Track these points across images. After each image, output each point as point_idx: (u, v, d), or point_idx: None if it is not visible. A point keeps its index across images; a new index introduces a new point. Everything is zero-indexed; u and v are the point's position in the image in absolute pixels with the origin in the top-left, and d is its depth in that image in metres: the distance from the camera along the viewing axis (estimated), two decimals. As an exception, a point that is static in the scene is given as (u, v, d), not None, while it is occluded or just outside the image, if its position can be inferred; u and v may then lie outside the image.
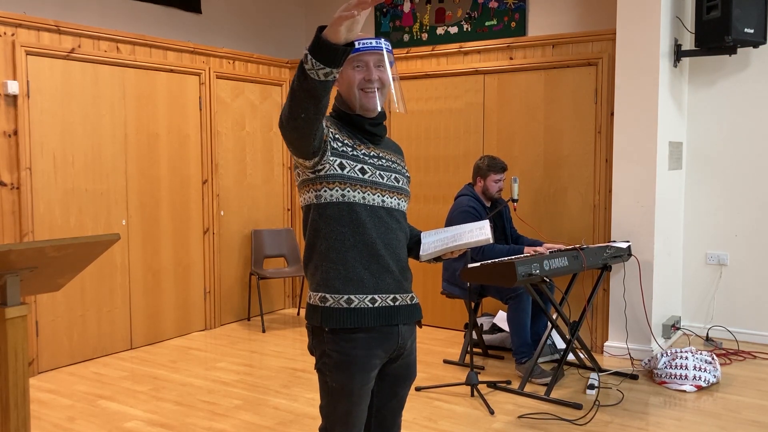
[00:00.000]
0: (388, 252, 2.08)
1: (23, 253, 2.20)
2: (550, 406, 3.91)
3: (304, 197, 2.09)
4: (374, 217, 2.06)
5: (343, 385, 2.04)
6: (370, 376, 2.08)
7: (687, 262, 5.35)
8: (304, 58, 1.77)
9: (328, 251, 2.03)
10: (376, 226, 2.06)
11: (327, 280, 2.03)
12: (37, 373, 4.55)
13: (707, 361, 4.20)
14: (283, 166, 6.32)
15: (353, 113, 2.09)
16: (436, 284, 5.60)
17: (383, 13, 6.19)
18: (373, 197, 2.06)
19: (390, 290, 2.08)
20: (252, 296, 6.08)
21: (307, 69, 1.77)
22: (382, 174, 2.10)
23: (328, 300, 2.03)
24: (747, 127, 5.09)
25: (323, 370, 2.07)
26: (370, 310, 2.04)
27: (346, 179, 2.02)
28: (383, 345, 2.08)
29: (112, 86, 4.92)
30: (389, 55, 2.09)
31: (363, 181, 2.05)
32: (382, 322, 2.06)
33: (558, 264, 3.97)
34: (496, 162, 4.60)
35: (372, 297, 2.05)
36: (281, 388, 4.26)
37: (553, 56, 5.09)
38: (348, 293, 2.02)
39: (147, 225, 5.18)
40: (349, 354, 2.02)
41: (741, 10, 4.50)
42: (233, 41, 6.10)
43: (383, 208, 2.08)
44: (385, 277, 2.07)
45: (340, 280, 2.03)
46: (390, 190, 2.11)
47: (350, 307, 2.02)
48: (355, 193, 2.03)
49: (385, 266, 2.07)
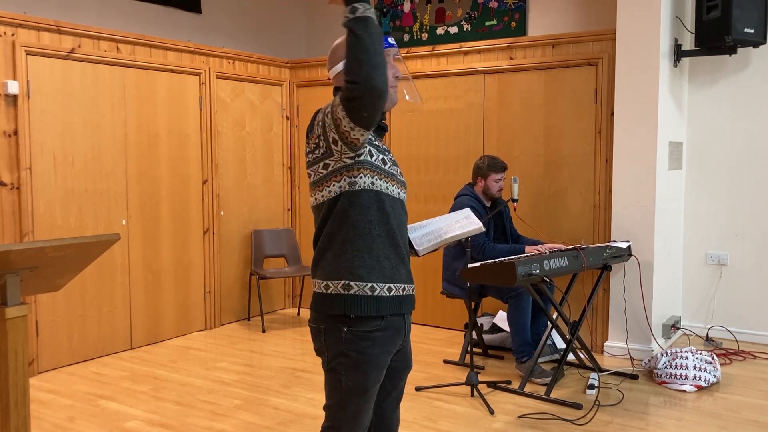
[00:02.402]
0: (403, 242, 2.14)
1: (23, 253, 2.20)
2: (550, 406, 3.91)
3: (332, 189, 2.05)
4: (394, 207, 2.10)
5: (359, 384, 2.06)
6: (382, 374, 2.12)
7: (687, 262, 5.35)
8: (352, 10, 1.81)
9: (354, 238, 2.04)
10: (396, 217, 2.10)
11: (352, 267, 2.04)
12: (37, 373, 4.55)
13: (707, 361, 4.20)
14: (283, 166, 6.33)
15: None
16: (436, 284, 5.60)
17: (383, 13, 6.19)
18: (392, 188, 2.11)
19: (402, 280, 2.13)
20: (252, 296, 6.08)
21: (361, 14, 1.81)
22: (392, 167, 2.14)
23: (353, 287, 2.04)
24: (747, 127, 5.09)
25: (338, 369, 2.07)
26: (388, 299, 2.08)
27: (375, 167, 2.05)
28: (395, 342, 2.13)
29: (112, 86, 4.92)
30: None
31: (386, 172, 2.09)
32: (395, 310, 2.09)
33: (558, 264, 3.97)
34: (497, 161, 4.60)
35: (389, 286, 2.08)
36: (281, 388, 4.26)
37: (553, 56, 5.09)
38: (372, 281, 2.05)
39: (147, 225, 5.18)
40: (366, 353, 2.05)
41: (741, 10, 4.50)
42: (233, 41, 6.10)
43: (398, 200, 2.13)
44: (400, 266, 2.12)
45: (365, 267, 2.04)
46: (399, 183, 2.16)
47: (373, 295, 2.05)
48: (381, 182, 2.06)
49: (401, 256, 2.12)
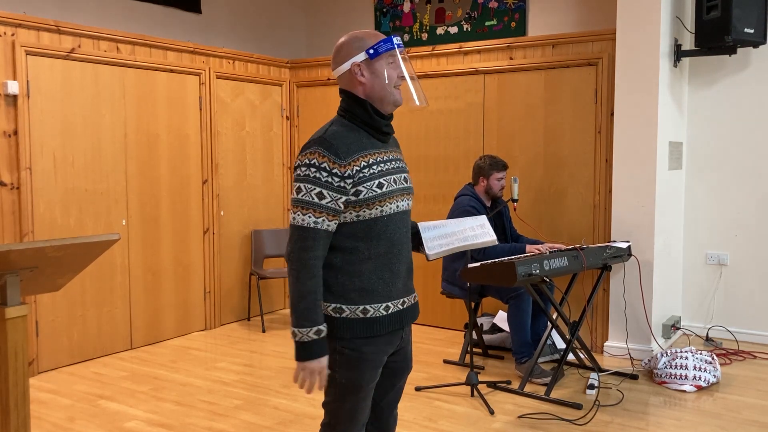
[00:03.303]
0: (399, 258, 2.10)
1: (23, 253, 2.20)
2: (550, 406, 3.91)
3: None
4: (389, 225, 2.06)
5: (353, 382, 2.06)
6: (378, 372, 2.11)
7: (687, 262, 5.35)
8: (292, 334, 2.00)
9: (343, 264, 2.04)
10: (390, 235, 2.07)
11: (344, 291, 2.04)
12: (37, 373, 4.55)
13: (707, 361, 4.20)
14: (283, 166, 6.33)
15: (374, 114, 2.07)
16: (436, 284, 5.60)
17: (383, 13, 6.19)
18: (390, 206, 2.06)
19: (400, 295, 2.12)
20: (252, 296, 6.08)
21: (299, 339, 2.00)
22: (395, 179, 2.09)
23: (345, 311, 2.04)
24: (747, 127, 5.09)
25: (333, 366, 2.07)
26: (384, 318, 2.07)
27: (362, 203, 2.01)
28: (392, 342, 2.13)
29: (112, 86, 4.92)
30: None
31: (381, 196, 2.04)
32: (394, 327, 2.10)
33: (558, 264, 3.97)
34: (497, 161, 4.61)
35: (386, 305, 2.08)
36: (281, 388, 4.26)
37: (553, 56, 5.09)
38: (364, 303, 2.04)
39: (147, 225, 5.18)
40: (361, 351, 2.05)
41: (741, 10, 4.50)
42: (233, 41, 6.10)
43: (397, 213, 2.09)
44: (396, 282, 2.10)
45: (356, 291, 2.04)
46: (402, 193, 2.11)
47: (365, 317, 2.04)
48: (371, 211, 2.02)
49: (397, 273, 2.10)
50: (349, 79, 2.08)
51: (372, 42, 2.05)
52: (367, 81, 2.06)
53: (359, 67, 2.05)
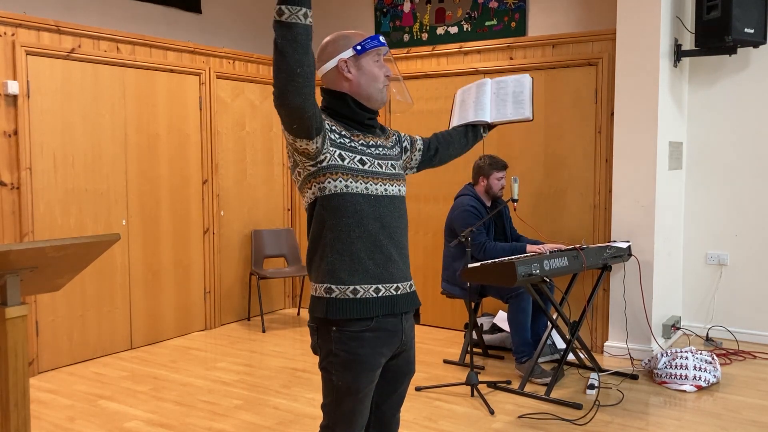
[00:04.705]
0: (391, 241, 2.10)
1: (23, 253, 2.20)
2: (550, 406, 3.91)
3: (308, 195, 2.08)
4: (378, 206, 2.07)
5: (349, 384, 2.04)
6: (375, 375, 2.09)
7: (687, 262, 5.35)
8: (278, 13, 1.81)
9: (334, 242, 2.03)
10: (380, 217, 2.07)
11: (333, 271, 2.03)
12: (37, 373, 4.55)
13: (707, 361, 4.20)
14: (283, 166, 6.32)
15: (356, 108, 2.09)
16: (436, 284, 5.60)
17: (383, 13, 6.19)
18: (376, 187, 2.07)
19: (393, 279, 2.10)
20: (252, 296, 6.08)
21: (286, 19, 1.80)
22: (380, 163, 2.11)
23: (334, 291, 2.03)
24: (747, 127, 5.09)
25: (329, 368, 2.06)
26: (375, 300, 2.05)
27: (347, 170, 2.02)
28: (389, 343, 2.10)
29: (112, 86, 4.92)
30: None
31: (364, 172, 2.05)
32: (385, 311, 2.07)
33: (558, 264, 3.97)
34: (497, 160, 4.61)
35: (376, 287, 2.06)
36: (281, 388, 4.26)
37: (553, 56, 5.10)
38: (354, 284, 2.03)
39: (147, 225, 5.18)
40: (356, 353, 2.03)
41: (741, 10, 4.50)
42: (233, 41, 6.10)
43: (386, 197, 2.10)
44: (389, 266, 2.09)
45: (346, 270, 2.03)
46: (390, 178, 2.12)
47: (356, 297, 2.03)
48: (357, 184, 2.03)
49: (388, 255, 2.09)
50: (334, 76, 2.09)
51: (358, 39, 2.08)
52: (354, 77, 2.08)
53: (346, 63, 2.07)
